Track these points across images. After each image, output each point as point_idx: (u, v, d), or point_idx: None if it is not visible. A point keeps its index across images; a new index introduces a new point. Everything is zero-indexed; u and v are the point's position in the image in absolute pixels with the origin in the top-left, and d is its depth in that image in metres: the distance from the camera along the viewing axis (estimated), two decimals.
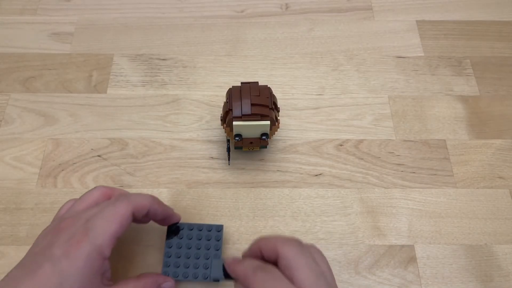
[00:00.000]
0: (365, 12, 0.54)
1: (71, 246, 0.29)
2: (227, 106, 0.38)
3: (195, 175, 0.43)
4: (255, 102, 0.37)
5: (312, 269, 0.29)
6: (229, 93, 0.39)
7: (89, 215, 0.31)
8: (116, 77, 0.49)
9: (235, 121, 0.37)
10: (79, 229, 0.30)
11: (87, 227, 0.30)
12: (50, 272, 0.28)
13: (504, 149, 0.45)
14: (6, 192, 0.42)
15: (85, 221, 0.30)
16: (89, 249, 0.29)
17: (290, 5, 0.55)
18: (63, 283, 0.28)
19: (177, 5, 0.54)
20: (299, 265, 0.29)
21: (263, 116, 0.37)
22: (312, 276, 0.28)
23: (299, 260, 0.29)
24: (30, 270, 0.29)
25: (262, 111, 0.37)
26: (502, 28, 0.53)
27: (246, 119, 0.37)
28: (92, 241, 0.29)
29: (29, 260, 0.30)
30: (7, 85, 0.48)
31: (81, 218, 0.31)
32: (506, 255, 0.39)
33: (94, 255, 0.29)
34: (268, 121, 0.37)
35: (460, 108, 0.47)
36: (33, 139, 0.44)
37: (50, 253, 0.29)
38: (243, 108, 0.37)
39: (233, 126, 0.37)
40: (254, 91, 0.38)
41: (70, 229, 0.30)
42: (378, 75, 0.49)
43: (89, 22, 0.53)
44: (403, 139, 0.45)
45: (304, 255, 0.29)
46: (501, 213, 0.41)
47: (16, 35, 0.51)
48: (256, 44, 0.51)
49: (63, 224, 0.31)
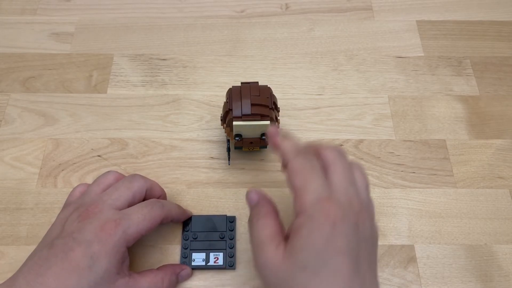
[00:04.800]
0: (365, 12, 0.54)
1: (104, 231, 0.31)
2: (227, 106, 0.38)
3: (195, 175, 0.43)
4: (255, 102, 0.37)
5: (346, 176, 0.29)
6: (229, 93, 0.39)
7: (114, 199, 0.33)
8: (116, 77, 0.49)
9: (235, 121, 0.37)
10: (112, 217, 0.32)
11: (121, 217, 0.32)
12: (81, 255, 0.30)
13: (504, 149, 0.45)
14: (6, 192, 0.42)
15: (116, 209, 0.33)
16: (119, 237, 0.31)
17: (290, 5, 0.55)
18: (92, 265, 0.30)
19: (177, 5, 0.54)
20: (336, 168, 0.29)
21: (263, 116, 0.37)
22: (345, 182, 0.29)
23: (337, 164, 0.29)
24: (60, 252, 0.30)
25: (262, 111, 0.37)
26: (502, 28, 0.53)
27: (246, 119, 0.37)
28: (124, 231, 0.32)
29: (58, 243, 0.31)
30: (7, 85, 0.48)
31: (105, 202, 0.33)
32: (506, 255, 0.39)
33: (122, 243, 0.31)
34: (268, 121, 0.37)
35: (460, 108, 0.47)
36: (33, 139, 0.44)
37: (82, 237, 0.31)
38: (243, 108, 0.37)
39: (233, 126, 0.37)
40: (254, 91, 0.38)
41: (100, 215, 0.32)
42: (378, 75, 0.49)
43: (89, 22, 0.53)
44: (403, 139, 0.45)
45: (343, 162, 0.30)
46: (501, 213, 0.41)
47: (16, 35, 0.51)
48: (256, 44, 0.51)
49: (91, 209, 0.33)
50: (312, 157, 0.30)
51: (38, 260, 0.31)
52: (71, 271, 0.29)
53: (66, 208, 0.35)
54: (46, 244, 0.32)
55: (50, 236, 0.33)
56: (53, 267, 0.30)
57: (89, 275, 0.30)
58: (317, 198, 0.27)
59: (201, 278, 0.38)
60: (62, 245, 0.31)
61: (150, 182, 0.36)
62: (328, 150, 0.30)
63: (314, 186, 0.28)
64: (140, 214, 0.33)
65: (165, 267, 0.36)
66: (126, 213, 0.33)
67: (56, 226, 0.33)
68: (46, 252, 0.31)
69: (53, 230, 0.33)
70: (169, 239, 0.39)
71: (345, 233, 0.27)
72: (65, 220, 0.33)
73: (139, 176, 0.36)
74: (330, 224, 0.26)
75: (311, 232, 0.27)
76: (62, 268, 0.30)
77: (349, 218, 0.27)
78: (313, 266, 0.26)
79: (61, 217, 0.34)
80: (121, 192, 0.34)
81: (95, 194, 0.35)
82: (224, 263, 0.38)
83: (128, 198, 0.34)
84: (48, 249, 0.31)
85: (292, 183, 0.29)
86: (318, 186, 0.28)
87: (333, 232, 0.26)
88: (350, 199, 0.28)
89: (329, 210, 0.27)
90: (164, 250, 0.39)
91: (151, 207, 0.34)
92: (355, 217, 0.28)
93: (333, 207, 0.27)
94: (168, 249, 0.39)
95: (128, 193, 0.34)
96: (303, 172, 0.29)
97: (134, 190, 0.35)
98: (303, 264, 0.26)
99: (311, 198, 0.27)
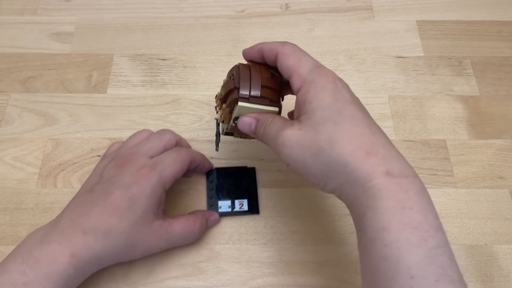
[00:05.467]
0: (365, 12, 0.54)
1: (141, 175, 0.34)
2: (230, 84, 0.33)
3: (195, 175, 0.43)
4: (266, 84, 0.32)
5: (309, 60, 0.31)
6: (236, 70, 0.34)
7: (148, 149, 0.36)
8: (116, 77, 0.49)
9: (241, 101, 0.32)
10: (147, 162, 0.35)
11: (155, 162, 0.35)
12: (120, 196, 0.33)
13: (504, 149, 0.45)
14: (6, 192, 0.42)
15: (149, 157, 0.36)
16: (156, 180, 0.34)
17: (290, 5, 0.55)
18: (131, 206, 0.33)
19: (177, 5, 0.54)
20: (298, 56, 0.31)
21: (272, 102, 0.32)
22: (309, 65, 0.31)
23: (297, 53, 0.32)
24: (101, 195, 0.33)
25: (272, 95, 0.32)
26: (502, 28, 0.53)
27: (254, 101, 0.32)
28: (160, 173, 0.34)
29: (99, 188, 0.34)
30: (7, 85, 0.48)
31: (140, 152, 0.36)
32: (506, 255, 0.39)
33: (158, 185, 0.34)
34: (277, 107, 0.33)
35: (460, 108, 0.47)
36: (33, 139, 0.44)
37: (121, 181, 0.33)
38: (252, 89, 0.32)
39: (237, 107, 0.32)
40: (265, 72, 0.33)
41: (136, 162, 0.35)
42: (378, 75, 0.49)
43: (89, 22, 0.53)
44: (403, 139, 0.45)
45: (302, 51, 0.32)
46: (501, 213, 0.41)
47: (16, 35, 0.51)
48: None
49: (127, 157, 0.36)
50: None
51: (80, 203, 0.34)
52: (112, 212, 0.32)
53: (103, 160, 0.39)
54: (86, 190, 0.35)
55: (89, 183, 0.36)
56: (95, 208, 0.32)
57: (129, 215, 0.32)
58: (312, 66, 0.30)
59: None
60: (102, 189, 0.34)
61: (179, 136, 0.40)
62: (285, 45, 0.32)
63: (306, 58, 0.31)
64: (171, 158, 0.36)
65: (196, 212, 0.39)
66: (158, 158, 0.36)
67: (95, 175, 0.36)
68: (88, 196, 0.34)
69: (92, 179, 0.36)
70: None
71: (346, 88, 0.30)
72: (103, 169, 0.36)
73: (169, 130, 0.39)
74: (331, 82, 0.29)
75: (318, 92, 0.29)
76: (104, 209, 0.32)
77: (341, 79, 0.31)
78: (331, 117, 0.28)
79: (99, 167, 0.37)
80: (153, 143, 0.37)
81: (130, 147, 0.38)
82: (249, 208, 0.40)
83: (160, 148, 0.37)
84: (89, 193, 0.34)
85: (287, 64, 0.31)
86: (310, 58, 0.31)
87: (336, 87, 0.29)
88: None
89: (326, 72, 0.30)
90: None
91: (178, 151, 0.37)
92: (344, 81, 0.31)
93: (329, 70, 0.30)
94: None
95: (160, 144, 0.37)
96: (294, 51, 0.31)
97: (165, 141, 0.38)
98: (322, 119, 0.28)
99: (308, 68, 0.30)
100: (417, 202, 0.26)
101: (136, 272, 0.38)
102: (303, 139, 0.28)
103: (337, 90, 0.29)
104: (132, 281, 0.37)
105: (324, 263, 0.38)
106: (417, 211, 0.25)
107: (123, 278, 0.37)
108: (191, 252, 0.39)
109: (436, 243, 0.25)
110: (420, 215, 0.25)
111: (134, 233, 0.33)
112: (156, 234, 0.34)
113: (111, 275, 0.37)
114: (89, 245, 0.31)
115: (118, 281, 0.37)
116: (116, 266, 0.38)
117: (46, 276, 0.30)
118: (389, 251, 0.25)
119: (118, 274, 0.37)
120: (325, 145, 0.27)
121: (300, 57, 0.31)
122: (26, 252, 0.31)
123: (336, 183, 0.28)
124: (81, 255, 0.31)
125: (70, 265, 0.31)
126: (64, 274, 0.30)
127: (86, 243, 0.31)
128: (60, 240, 0.31)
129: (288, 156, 0.29)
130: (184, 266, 0.38)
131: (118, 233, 0.32)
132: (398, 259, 0.24)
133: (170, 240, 0.36)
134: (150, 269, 0.38)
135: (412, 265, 0.24)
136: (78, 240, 0.31)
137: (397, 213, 0.25)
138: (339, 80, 0.30)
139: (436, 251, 0.24)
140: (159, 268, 0.38)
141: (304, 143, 0.28)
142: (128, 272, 0.38)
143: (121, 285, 0.37)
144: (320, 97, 0.29)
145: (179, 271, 0.38)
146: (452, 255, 0.25)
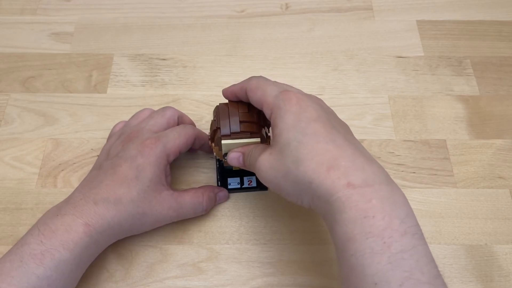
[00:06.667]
0: (365, 12, 0.54)
1: (146, 146, 0.35)
2: (214, 124, 0.37)
3: (195, 175, 0.43)
4: (244, 119, 0.35)
5: (274, 89, 0.32)
6: (216, 110, 0.37)
7: (151, 125, 0.38)
8: (116, 77, 0.49)
9: (224, 139, 0.35)
10: (151, 135, 0.36)
11: (159, 135, 0.36)
12: (128, 168, 0.34)
13: (504, 149, 0.45)
14: (6, 192, 0.42)
15: (154, 133, 0.37)
16: (160, 150, 0.35)
17: (290, 5, 0.55)
18: (138, 175, 0.34)
19: (177, 5, 0.54)
20: (263, 87, 0.33)
21: (252, 133, 0.35)
22: (273, 93, 0.32)
23: (262, 85, 0.33)
24: (109, 169, 0.35)
25: (251, 128, 0.35)
26: (502, 28, 0.53)
27: (236, 137, 0.35)
28: (164, 145, 0.36)
29: (107, 164, 0.36)
30: (7, 85, 0.48)
31: (144, 128, 0.38)
32: (506, 255, 0.39)
33: (163, 156, 0.36)
34: (259, 138, 0.35)
35: (460, 108, 0.47)
36: (33, 139, 0.44)
37: (127, 154, 0.35)
38: (232, 126, 0.35)
39: (222, 145, 0.35)
40: (242, 108, 0.36)
41: (140, 136, 0.36)
42: (378, 75, 0.49)
43: (89, 22, 0.53)
44: (403, 139, 0.45)
45: (267, 81, 0.34)
46: (501, 213, 0.41)
47: (16, 35, 0.51)
48: (256, 44, 0.51)
49: (132, 134, 0.37)
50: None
51: (90, 179, 0.36)
52: (121, 182, 0.34)
53: (108, 140, 0.41)
54: (95, 167, 0.38)
55: (98, 162, 0.38)
56: (105, 181, 0.34)
57: (137, 184, 0.34)
58: (277, 93, 0.32)
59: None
60: (110, 164, 0.35)
61: (181, 112, 0.41)
62: (252, 79, 0.34)
63: (271, 87, 0.33)
64: (175, 132, 0.37)
65: (205, 186, 0.41)
66: (163, 132, 0.37)
67: (102, 154, 0.39)
68: (97, 172, 0.36)
69: (100, 157, 0.39)
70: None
71: (311, 106, 0.31)
72: (109, 148, 0.38)
73: (170, 106, 0.41)
74: (295, 103, 0.30)
75: (283, 116, 0.30)
76: (113, 181, 0.34)
77: (310, 97, 0.32)
78: (295, 138, 0.29)
79: (105, 147, 0.39)
80: (156, 119, 0.39)
81: (134, 125, 0.39)
82: (257, 184, 0.41)
83: (163, 124, 0.38)
84: (98, 170, 0.36)
85: (255, 98, 0.33)
86: (274, 86, 0.33)
87: (300, 108, 0.30)
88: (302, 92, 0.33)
89: (290, 95, 0.31)
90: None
91: (183, 126, 0.39)
92: (315, 99, 0.33)
93: (292, 93, 0.31)
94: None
95: (162, 119, 0.39)
96: (258, 84, 0.33)
97: (168, 117, 0.39)
98: (287, 141, 0.29)
99: (273, 95, 0.32)
100: (380, 209, 0.26)
101: (136, 272, 0.38)
102: (274, 163, 0.30)
103: (300, 111, 0.30)
104: (132, 281, 0.37)
105: (324, 263, 0.39)
106: (380, 218, 0.26)
107: (123, 278, 0.37)
108: (191, 252, 0.39)
109: (401, 248, 0.25)
110: (384, 222, 0.25)
111: (143, 201, 0.34)
112: (166, 204, 0.36)
113: (111, 275, 0.37)
114: (101, 214, 0.33)
115: (118, 281, 0.37)
116: (116, 266, 0.38)
117: (62, 244, 0.31)
118: (355, 261, 0.25)
119: (118, 274, 0.38)
120: (291, 166, 0.29)
121: (265, 88, 0.33)
122: (42, 225, 0.33)
123: (308, 199, 0.30)
124: (94, 224, 0.33)
125: (85, 234, 0.32)
126: (79, 243, 0.32)
127: (98, 212, 0.33)
128: (74, 212, 0.33)
129: (264, 179, 0.32)
130: (184, 266, 0.38)
131: (128, 202, 0.34)
132: (363, 268, 0.25)
133: (180, 210, 0.37)
134: (150, 269, 0.38)
135: (375, 272, 0.24)
136: (90, 210, 0.33)
137: (359, 223, 0.26)
138: (305, 100, 0.31)
139: (402, 255, 0.24)
140: (159, 268, 0.38)
141: (275, 166, 0.30)
142: (128, 272, 0.38)
143: (121, 285, 0.37)
144: (285, 120, 0.30)
145: (179, 271, 0.38)
146: (424, 257, 0.25)
